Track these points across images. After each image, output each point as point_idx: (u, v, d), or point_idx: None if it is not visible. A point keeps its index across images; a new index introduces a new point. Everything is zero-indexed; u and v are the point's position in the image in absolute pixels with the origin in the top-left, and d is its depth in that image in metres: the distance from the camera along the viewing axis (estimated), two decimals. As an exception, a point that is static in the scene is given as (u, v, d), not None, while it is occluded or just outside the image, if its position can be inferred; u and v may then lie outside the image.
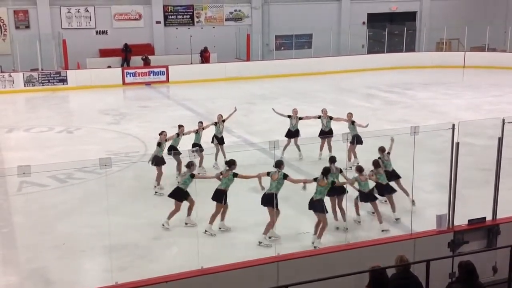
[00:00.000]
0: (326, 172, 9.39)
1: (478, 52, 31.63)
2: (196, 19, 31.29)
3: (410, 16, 35.59)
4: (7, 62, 26.39)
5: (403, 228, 9.43)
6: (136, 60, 28.57)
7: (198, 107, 21.07)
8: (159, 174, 12.09)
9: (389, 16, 35.05)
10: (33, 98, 23.91)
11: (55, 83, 25.55)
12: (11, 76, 25.04)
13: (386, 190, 10.31)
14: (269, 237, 9.37)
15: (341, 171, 10.10)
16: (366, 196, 9.95)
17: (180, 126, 13.04)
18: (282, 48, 32.60)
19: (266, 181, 9.86)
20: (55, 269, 8.72)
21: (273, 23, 32.33)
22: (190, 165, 10.09)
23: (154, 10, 30.18)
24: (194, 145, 12.89)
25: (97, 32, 29.37)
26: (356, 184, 10.01)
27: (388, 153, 11.18)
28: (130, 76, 26.82)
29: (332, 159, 10.17)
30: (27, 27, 28.09)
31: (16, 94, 24.44)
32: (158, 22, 30.37)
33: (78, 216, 10.82)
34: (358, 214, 10.27)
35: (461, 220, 8.00)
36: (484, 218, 8.08)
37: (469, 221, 7.99)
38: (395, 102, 22.00)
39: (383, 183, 10.24)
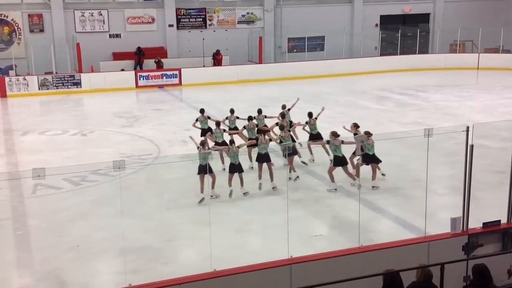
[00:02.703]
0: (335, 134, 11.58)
1: (492, 54, 31.36)
2: (208, 22, 31.40)
3: (424, 18, 35.41)
4: (22, 65, 26.65)
5: (417, 231, 9.36)
6: (149, 63, 28.73)
7: (211, 109, 21.11)
8: (213, 180, 11.49)
9: (402, 18, 34.90)
10: (47, 101, 24.13)
11: (69, 86, 25.77)
12: (25, 79, 25.29)
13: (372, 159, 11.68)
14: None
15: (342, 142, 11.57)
16: (340, 160, 11.40)
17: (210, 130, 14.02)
18: (295, 50, 32.60)
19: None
20: (69, 271, 8.77)
21: (286, 26, 32.33)
22: (203, 143, 11.87)
23: (167, 13, 30.34)
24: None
25: (110, 36, 29.58)
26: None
27: (316, 118, 13.74)
28: (143, 79, 26.96)
29: (334, 133, 11.72)
30: (42, 31, 28.36)
31: (30, 98, 24.68)
32: (170, 26, 30.51)
33: (92, 218, 10.89)
34: (332, 181, 11.67)
35: (475, 223, 7.94)
36: (499, 221, 8.00)
37: (483, 224, 7.92)
38: (408, 104, 21.88)
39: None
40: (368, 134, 11.53)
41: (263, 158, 11.84)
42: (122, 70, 27.65)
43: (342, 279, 6.32)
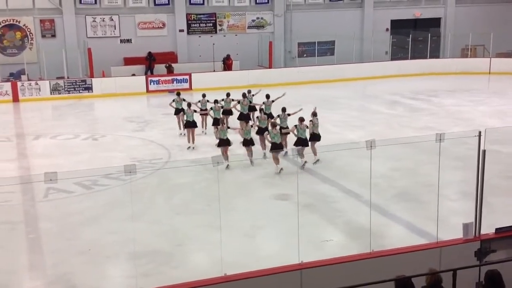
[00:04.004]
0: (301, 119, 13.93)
1: (503, 59, 31.17)
2: (218, 27, 31.48)
3: (435, 22, 35.27)
4: (34, 70, 26.87)
5: (429, 237, 9.30)
6: (160, 68, 28.84)
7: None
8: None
9: (413, 23, 34.78)
10: (59, 105, 24.29)
11: (80, 91, 25.93)
12: (37, 84, 25.48)
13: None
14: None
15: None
16: (303, 141, 13.70)
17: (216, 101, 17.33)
18: (305, 55, 32.58)
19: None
20: (80, 275, 8.80)
21: (296, 30, 32.34)
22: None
23: (178, 18, 30.46)
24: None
25: (121, 41, 29.74)
26: (295, 131, 13.87)
27: (273, 100, 16.81)
28: (153, 84, 27.07)
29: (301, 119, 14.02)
30: (53, 36, 28.58)
31: (42, 102, 24.86)
32: (181, 31, 30.63)
33: (103, 222, 10.93)
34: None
35: (488, 228, 7.87)
36: (512, 226, 7.94)
37: (496, 229, 7.85)
38: (420, 109, 21.79)
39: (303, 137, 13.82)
40: (301, 120, 13.96)
41: (277, 146, 13.74)
42: (133, 75, 27.79)
43: (353, 285, 6.28)
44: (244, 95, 17.82)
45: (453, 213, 10.40)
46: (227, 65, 29.76)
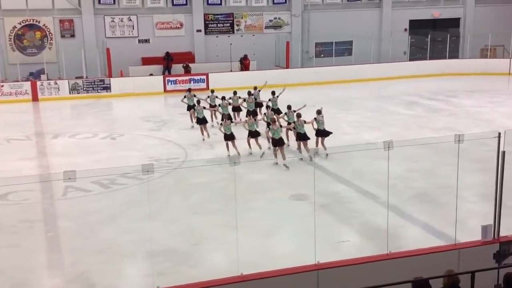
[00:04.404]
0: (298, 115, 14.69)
1: (524, 59, 30.79)
2: (236, 27, 31.52)
3: (454, 23, 34.93)
4: (53, 70, 27.15)
5: (447, 239, 9.23)
6: (177, 68, 28.97)
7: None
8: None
9: (431, 23, 34.49)
10: (78, 105, 24.52)
11: (99, 91, 26.15)
12: (57, 83, 25.75)
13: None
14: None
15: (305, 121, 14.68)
16: (302, 136, 14.35)
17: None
18: (322, 55, 32.49)
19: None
20: (98, 273, 8.88)
21: (313, 30, 32.26)
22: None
23: (195, 18, 30.56)
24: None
25: (139, 41, 29.93)
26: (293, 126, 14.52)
27: (277, 96, 17.95)
28: (171, 83, 27.21)
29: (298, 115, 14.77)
30: (72, 36, 28.85)
31: (61, 101, 25.11)
32: (198, 31, 30.73)
33: (120, 221, 11.02)
34: (300, 152, 14.45)
35: (507, 231, 7.79)
36: (532, 229, 7.84)
37: (515, 232, 7.77)
38: (439, 110, 21.61)
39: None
40: (298, 115, 14.69)
41: (277, 142, 14.20)
42: (151, 75, 27.96)
43: (370, 286, 6.26)
44: (249, 93, 18.80)
45: (472, 215, 10.30)
46: (244, 65, 29.78)
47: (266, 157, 14.64)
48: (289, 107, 15.81)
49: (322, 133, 14.87)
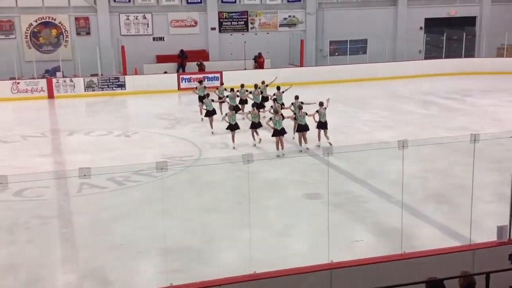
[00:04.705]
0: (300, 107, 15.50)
1: (541, 58, 30.45)
2: (250, 25, 31.52)
3: (470, 21, 34.63)
4: (69, 67, 27.36)
5: (462, 239, 9.16)
6: (192, 66, 29.04)
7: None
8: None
9: (447, 21, 34.21)
10: (93, 102, 24.70)
11: (113, 88, 26.31)
12: (72, 81, 25.94)
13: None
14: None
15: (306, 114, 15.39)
16: (302, 127, 15.14)
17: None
18: (336, 53, 32.36)
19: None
20: (112, 269, 8.94)
21: (328, 29, 32.17)
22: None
23: (210, 16, 30.61)
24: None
25: (154, 39, 30.05)
26: (294, 117, 15.36)
27: (283, 91, 18.86)
28: (185, 81, 27.29)
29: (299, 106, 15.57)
30: (88, 33, 29.05)
31: (76, 99, 25.30)
32: (213, 29, 30.78)
33: (134, 218, 11.08)
34: (301, 144, 15.35)
35: (523, 232, 7.71)
36: (548, 230, 7.75)
37: (532, 233, 7.68)
38: (454, 109, 21.44)
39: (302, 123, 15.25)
40: (300, 107, 15.50)
41: (279, 132, 14.98)
42: (165, 72, 28.06)
43: (383, 286, 6.23)
44: (255, 86, 19.86)
45: (487, 216, 10.20)
46: (258, 63, 29.77)
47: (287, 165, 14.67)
48: (296, 97, 16.69)
49: (323, 125, 15.52)
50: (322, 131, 15.58)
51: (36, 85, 25.51)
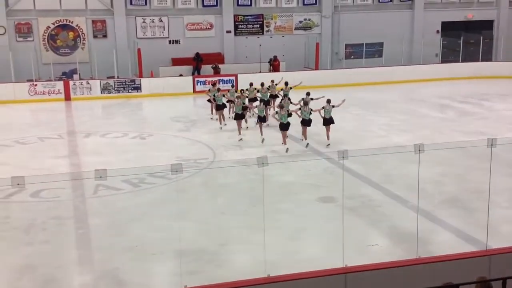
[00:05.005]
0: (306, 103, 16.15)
1: (559, 62, 30.04)
2: (265, 28, 31.54)
3: (487, 25, 34.32)
4: (85, 70, 27.60)
5: (478, 244, 9.06)
6: (207, 68, 29.13)
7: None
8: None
9: (464, 25, 33.94)
10: (109, 104, 24.87)
11: (129, 91, 26.48)
12: (88, 83, 26.16)
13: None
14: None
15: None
16: (306, 122, 16.00)
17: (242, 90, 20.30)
18: (352, 57, 32.26)
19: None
20: (127, 271, 8.98)
21: (343, 32, 32.08)
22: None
23: (225, 19, 30.70)
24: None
25: (170, 42, 30.20)
26: (299, 112, 16.10)
27: (291, 88, 20.11)
28: (200, 84, 27.37)
29: (305, 102, 16.26)
30: (105, 36, 29.28)
31: (93, 101, 25.50)
32: (228, 32, 30.85)
33: (149, 219, 11.13)
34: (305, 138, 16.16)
35: (541, 238, 7.62)
36: None
37: (550, 239, 7.58)
38: (471, 113, 21.25)
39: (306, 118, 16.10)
40: (305, 103, 16.17)
41: (284, 126, 15.73)
42: (181, 75, 28.18)
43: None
44: (262, 84, 20.67)
45: (504, 221, 10.10)
46: (273, 66, 29.77)
47: (291, 156, 14.93)
48: (308, 93, 17.65)
49: (327, 122, 16.28)
50: (325, 127, 16.34)
51: (53, 87, 25.76)
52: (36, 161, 15.40)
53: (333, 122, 16.32)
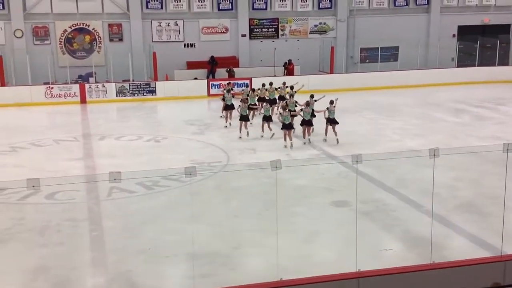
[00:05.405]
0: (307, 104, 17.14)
1: None
2: (280, 32, 31.55)
3: (504, 29, 34.01)
4: (101, 73, 27.80)
5: (493, 250, 8.96)
6: (221, 72, 29.20)
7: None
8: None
9: (481, 29, 33.66)
10: (124, 107, 25.03)
11: (144, 94, 26.62)
12: (104, 86, 26.35)
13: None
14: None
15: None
16: (306, 122, 16.83)
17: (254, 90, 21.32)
18: (367, 60, 32.14)
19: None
20: (140, 273, 9.02)
21: (358, 36, 31.98)
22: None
23: (240, 23, 30.76)
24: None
25: (185, 45, 30.33)
26: (301, 113, 16.98)
27: (295, 91, 20.00)
28: (214, 87, 27.44)
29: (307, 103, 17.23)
30: (121, 40, 29.50)
31: (108, 104, 25.67)
32: (243, 35, 30.91)
33: (162, 222, 11.17)
34: (304, 137, 17.04)
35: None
36: None
37: None
38: (487, 118, 21.05)
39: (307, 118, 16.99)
40: (307, 104, 17.12)
41: (287, 126, 16.58)
42: (195, 78, 28.26)
43: (412, 295, 6.15)
44: (271, 83, 21.78)
45: (520, 227, 9.97)
46: (288, 70, 29.74)
47: (304, 159, 15.00)
48: (312, 96, 18.22)
49: (332, 121, 16.89)
50: (330, 126, 16.96)
51: (69, 90, 25.97)
52: (51, 163, 15.54)
53: (337, 123, 16.90)
